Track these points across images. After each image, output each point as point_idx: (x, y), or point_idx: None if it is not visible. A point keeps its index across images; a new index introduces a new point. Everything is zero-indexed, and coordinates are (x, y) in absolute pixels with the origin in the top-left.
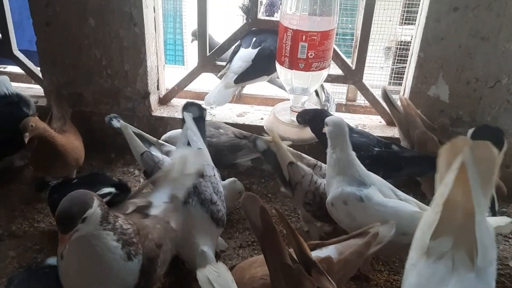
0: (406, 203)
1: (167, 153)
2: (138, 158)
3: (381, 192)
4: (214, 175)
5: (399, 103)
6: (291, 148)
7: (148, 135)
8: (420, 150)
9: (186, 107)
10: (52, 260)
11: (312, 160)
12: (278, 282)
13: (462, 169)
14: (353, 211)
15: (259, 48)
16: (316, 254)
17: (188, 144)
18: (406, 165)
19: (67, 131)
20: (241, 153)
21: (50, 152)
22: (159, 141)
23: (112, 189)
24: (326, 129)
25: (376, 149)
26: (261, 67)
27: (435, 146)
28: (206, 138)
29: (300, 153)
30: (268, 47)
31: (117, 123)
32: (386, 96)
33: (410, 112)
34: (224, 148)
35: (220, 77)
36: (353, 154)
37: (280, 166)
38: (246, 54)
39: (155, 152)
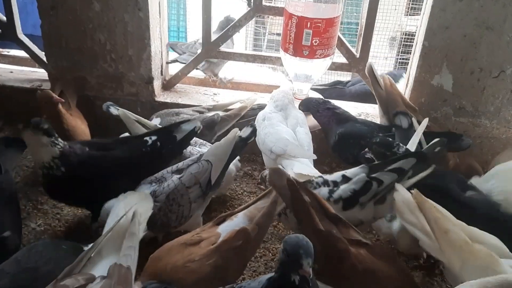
0: (289, 132)
1: None
2: None
3: (289, 122)
4: (189, 188)
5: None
6: None
7: (146, 120)
8: None
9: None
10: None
11: None
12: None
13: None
14: (258, 126)
15: None
16: (228, 226)
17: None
18: None
19: (73, 115)
20: (218, 127)
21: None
22: (158, 125)
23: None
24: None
25: (380, 135)
26: None
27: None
28: (236, 156)
29: None
30: None
31: (115, 110)
32: (371, 71)
33: (392, 90)
34: (203, 129)
35: None
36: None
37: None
38: None
39: None
